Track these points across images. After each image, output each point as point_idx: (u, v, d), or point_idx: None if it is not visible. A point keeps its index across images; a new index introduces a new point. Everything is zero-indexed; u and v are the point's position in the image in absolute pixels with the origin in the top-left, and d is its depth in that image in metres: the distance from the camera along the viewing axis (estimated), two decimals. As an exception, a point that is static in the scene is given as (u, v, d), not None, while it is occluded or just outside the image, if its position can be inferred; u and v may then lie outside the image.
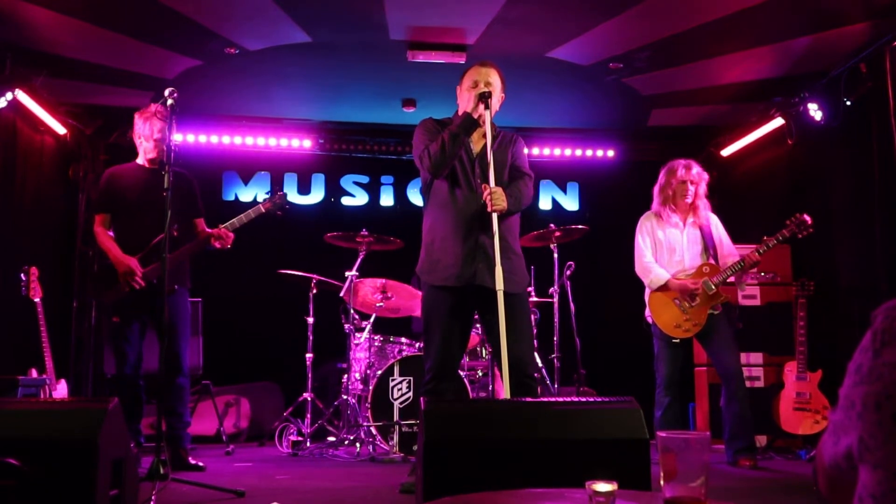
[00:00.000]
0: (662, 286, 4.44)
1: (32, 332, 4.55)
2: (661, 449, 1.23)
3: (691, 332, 4.43)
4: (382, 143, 6.79)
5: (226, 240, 4.25)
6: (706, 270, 4.43)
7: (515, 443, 2.12)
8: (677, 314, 4.42)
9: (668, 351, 4.47)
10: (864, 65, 4.83)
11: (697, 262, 4.48)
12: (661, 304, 4.47)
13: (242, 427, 5.85)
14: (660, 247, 4.55)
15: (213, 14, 4.60)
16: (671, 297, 4.45)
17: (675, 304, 4.42)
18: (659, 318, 4.48)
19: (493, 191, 3.24)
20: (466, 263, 3.33)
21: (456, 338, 3.41)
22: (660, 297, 4.48)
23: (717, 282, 4.38)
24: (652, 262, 4.51)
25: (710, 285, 4.37)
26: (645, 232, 4.59)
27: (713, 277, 4.39)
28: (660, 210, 4.57)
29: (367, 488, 3.67)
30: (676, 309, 4.42)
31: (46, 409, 2.54)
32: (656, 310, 4.49)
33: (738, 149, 6.41)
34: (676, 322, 4.43)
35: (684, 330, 4.42)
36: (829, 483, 1.00)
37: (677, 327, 4.43)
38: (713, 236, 4.54)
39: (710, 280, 4.38)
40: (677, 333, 4.43)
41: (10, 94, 4.93)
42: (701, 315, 4.40)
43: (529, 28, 4.75)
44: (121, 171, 4.39)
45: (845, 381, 0.94)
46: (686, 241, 4.51)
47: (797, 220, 4.35)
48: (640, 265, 4.56)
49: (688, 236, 4.52)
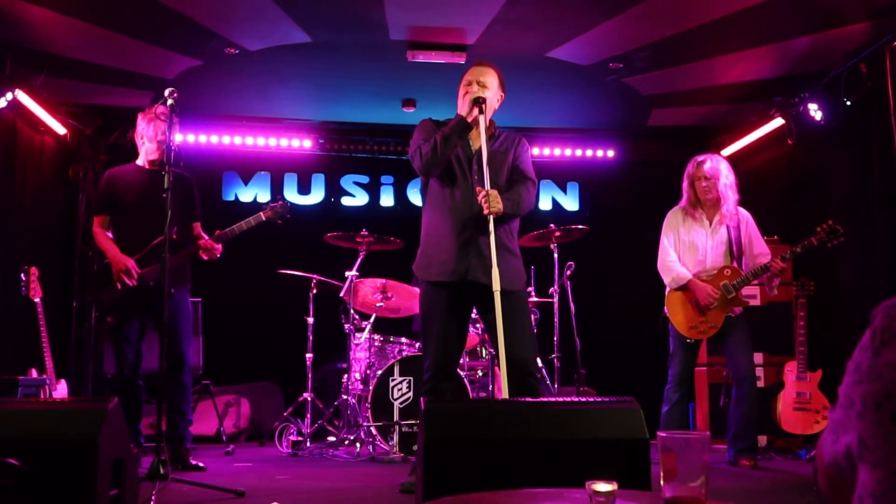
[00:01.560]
0: (682, 286, 4.38)
1: (32, 332, 4.54)
2: (661, 449, 1.23)
3: (707, 335, 4.38)
4: (382, 143, 6.79)
5: (213, 251, 4.24)
6: (727, 273, 4.35)
7: (515, 443, 2.11)
8: (693, 315, 4.36)
9: (682, 351, 4.40)
10: (864, 65, 4.83)
11: (719, 264, 4.39)
12: (679, 303, 4.40)
13: (242, 427, 5.85)
14: (682, 245, 4.46)
15: (213, 14, 4.60)
16: (689, 298, 4.38)
17: (692, 304, 4.37)
18: (675, 318, 4.41)
19: (487, 193, 3.23)
20: (460, 259, 3.33)
21: (454, 335, 3.41)
22: (678, 297, 4.41)
23: (736, 285, 4.30)
24: (674, 261, 4.43)
25: (730, 288, 4.30)
26: (669, 229, 4.50)
27: (733, 281, 4.31)
28: (686, 206, 4.48)
29: (367, 488, 3.68)
30: (693, 310, 4.36)
31: (46, 409, 2.54)
32: (673, 309, 4.42)
33: (738, 149, 6.40)
34: (692, 323, 4.37)
35: (700, 331, 4.36)
36: (829, 482, 1.00)
37: (693, 328, 4.37)
38: (741, 237, 4.43)
39: (729, 283, 4.31)
40: (692, 334, 4.37)
41: (10, 94, 4.93)
42: (718, 318, 4.34)
43: (529, 28, 4.75)
44: (121, 173, 4.38)
45: (845, 379, 0.94)
46: (711, 242, 4.42)
47: (829, 227, 4.19)
48: (662, 263, 4.48)
49: (713, 237, 4.42)
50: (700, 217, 4.45)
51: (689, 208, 4.46)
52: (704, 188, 4.40)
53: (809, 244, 4.24)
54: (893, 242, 4.67)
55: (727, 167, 4.47)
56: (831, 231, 4.20)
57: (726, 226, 4.43)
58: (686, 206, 4.48)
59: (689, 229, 4.46)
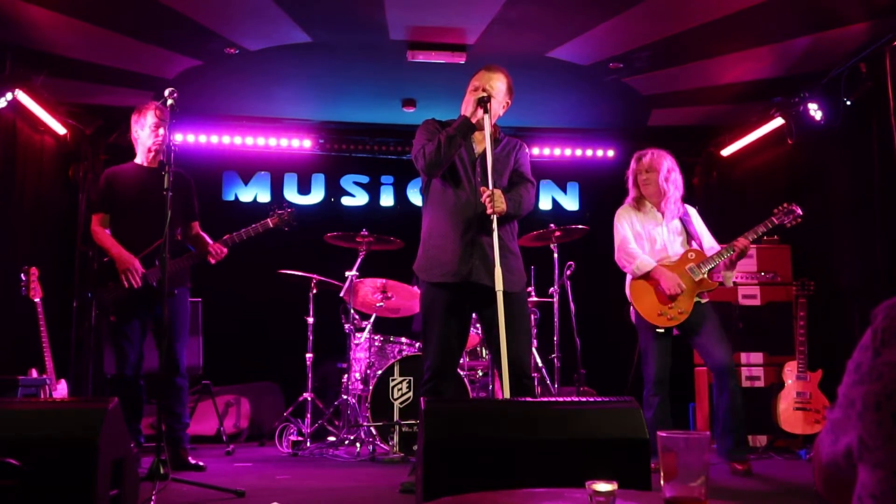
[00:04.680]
0: (645, 274, 4.20)
1: (32, 332, 4.54)
2: (661, 449, 1.23)
3: (676, 321, 4.14)
4: (382, 143, 6.79)
5: (219, 255, 4.27)
6: (691, 257, 4.20)
7: (515, 443, 2.11)
8: (660, 302, 4.15)
9: (655, 343, 4.17)
10: (864, 65, 4.83)
11: (680, 251, 4.26)
12: (643, 290, 4.20)
13: (242, 427, 5.85)
14: (639, 238, 4.29)
15: (213, 14, 4.60)
16: (654, 285, 4.19)
17: (658, 290, 4.17)
18: (641, 305, 4.20)
19: (492, 193, 3.24)
20: (463, 261, 3.33)
21: (454, 336, 3.41)
22: (641, 284, 4.21)
23: (702, 266, 4.15)
24: (636, 248, 4.25)
25: (696, 271, 4.14)
26: (623, 219, 4.35)
27: (698, 263, 4.17)
28: (632, 203, 4.36)
29: (367, 488, 3.68)
30: (660, 295, 4.16)
31: (46, 409, 2.54)
32: (638, 296, 4.21)
33: (738, 149, 6.41)
34: (660, 310, 4.15)
35: (668, 318, 4.14)
36: (827, 482, 1.00)
37: (661, 315, 4.15)
38: (694, 227, 4.33)
39: (695, 265, 4.16)
40: (661, 322, 4.15)
41: (10, 94, 4.93)
42: (687, 303, 4.14)
43: (529, 28, 4.75)
44: (119, 171, 4.38)
45: (844, 379, 0.94)
46: (666, 232, 4.29)
47: (785, 208, 4.20)
48: (623, 251, 4.28)
49: (667, 228, 4.30)
50: (649, 210, 4.33)
51: (635, 204, 4.35)
52: (644, 181, 4.32)
53: (770, 223, 4.19)
54: (893, 242, 4.67)
55: (670, 162, 4.36)
56: (787, 211, 4.20)
57: (679, 218, 4.33)
58: (632, 203, 4.36)
59: (642, 223, 4.33)
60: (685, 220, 4.35)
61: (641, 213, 4.35)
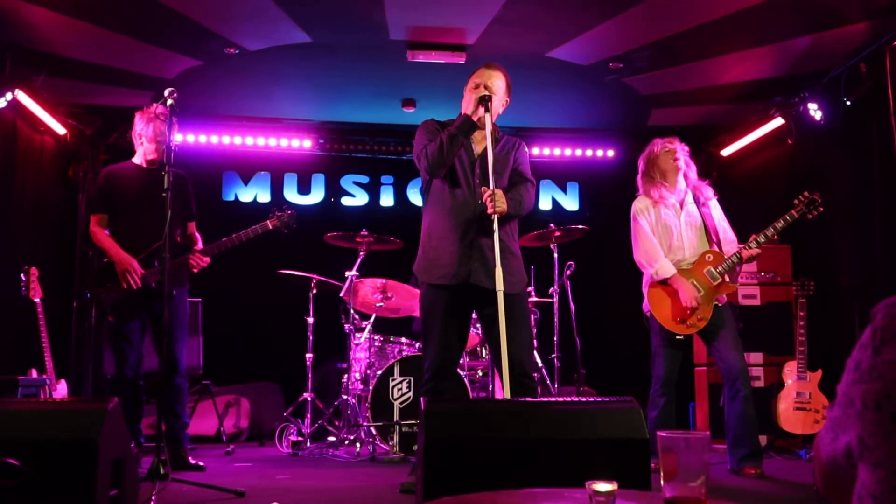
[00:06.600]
0: (663, 280, 4.08)
1: (32, 332, 4.54)
2: (661, 449, 1.23)
3: (697, 328, 4.02)
4: (382, 143, 6.79)
5: (200, 265, 4.25)
6: (709, 259, 4.06)
7: (515, 443, 2.11)
8: (680, 308, 4.02)
9: (668, 349, 4.10)
10: (864, 65, 4.83)
11: (696, 246, 4.12)
12: (661, 299, 4.10)
13: (242, 427, 5.85)
14: (655, 230, 4.17)
15: (213, 14, 4.59)
16: (672, 291, 4.06)
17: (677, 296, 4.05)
18: (659, 313, 4.08)
19: (493, 193, 3.23)
20: (462, 262, 3.33)
21: (454, 336, 3.41)
22: (659, 293, 4.10)
23: (720, 270, 4.01)
24: (658, 249, 4.11)
25: (715, 275, 4.01)
26: (640, 213, 4.20)
27: (717, 266, 4.03)
28: (649, 192, 4.21)
29: (367, 488, 3.68)
30: (679, 302, 4.03)
31: (46, 409, 2.54)
32: (657, 305, 4.10)
33: (738, 149, 6.40)
34: (680, 316, 4.03)
35: (689, 325, 4.02)
36: (827, 480, 1.00)
37: (681, 322, 4.03)
38: (714, 221, 4.20)
39: (713, 269, 4.03)
40: (681, 329, 4.03)
41: (10, 94, 4.93)
42: (707, 309, 4.01)
43: (529, 28, 4.75)
44: (118, 171, 4.38)
45: (844, 377, 0.94)
46: (683, 223, 4.16)
47: (807, 198, 3.97)
48: (644, 249, 4.14)
49: (685, 218, 4.17)
50: (669, 199, 4.19)
51: (656, 190, 4.19)
52: (680, 160, 4.19)
53: (791, 217, 3.98)
54: (893, 242, 4.67)
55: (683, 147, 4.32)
56: (810, 202, 3.99)
57: (698, 209, 4.20)
58: (649, 192, 4.21)
59: (658, 213, 4.18)
60: (704, 213, 4.20)
61: (656, 201, 4.20)
